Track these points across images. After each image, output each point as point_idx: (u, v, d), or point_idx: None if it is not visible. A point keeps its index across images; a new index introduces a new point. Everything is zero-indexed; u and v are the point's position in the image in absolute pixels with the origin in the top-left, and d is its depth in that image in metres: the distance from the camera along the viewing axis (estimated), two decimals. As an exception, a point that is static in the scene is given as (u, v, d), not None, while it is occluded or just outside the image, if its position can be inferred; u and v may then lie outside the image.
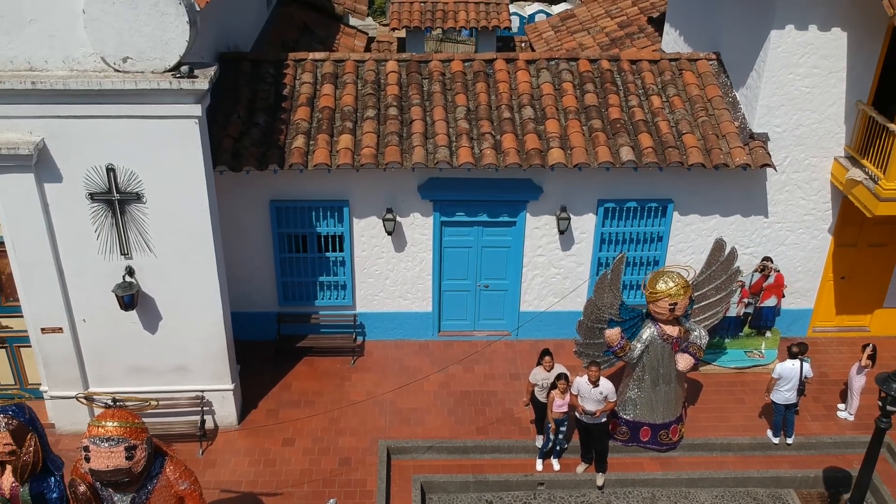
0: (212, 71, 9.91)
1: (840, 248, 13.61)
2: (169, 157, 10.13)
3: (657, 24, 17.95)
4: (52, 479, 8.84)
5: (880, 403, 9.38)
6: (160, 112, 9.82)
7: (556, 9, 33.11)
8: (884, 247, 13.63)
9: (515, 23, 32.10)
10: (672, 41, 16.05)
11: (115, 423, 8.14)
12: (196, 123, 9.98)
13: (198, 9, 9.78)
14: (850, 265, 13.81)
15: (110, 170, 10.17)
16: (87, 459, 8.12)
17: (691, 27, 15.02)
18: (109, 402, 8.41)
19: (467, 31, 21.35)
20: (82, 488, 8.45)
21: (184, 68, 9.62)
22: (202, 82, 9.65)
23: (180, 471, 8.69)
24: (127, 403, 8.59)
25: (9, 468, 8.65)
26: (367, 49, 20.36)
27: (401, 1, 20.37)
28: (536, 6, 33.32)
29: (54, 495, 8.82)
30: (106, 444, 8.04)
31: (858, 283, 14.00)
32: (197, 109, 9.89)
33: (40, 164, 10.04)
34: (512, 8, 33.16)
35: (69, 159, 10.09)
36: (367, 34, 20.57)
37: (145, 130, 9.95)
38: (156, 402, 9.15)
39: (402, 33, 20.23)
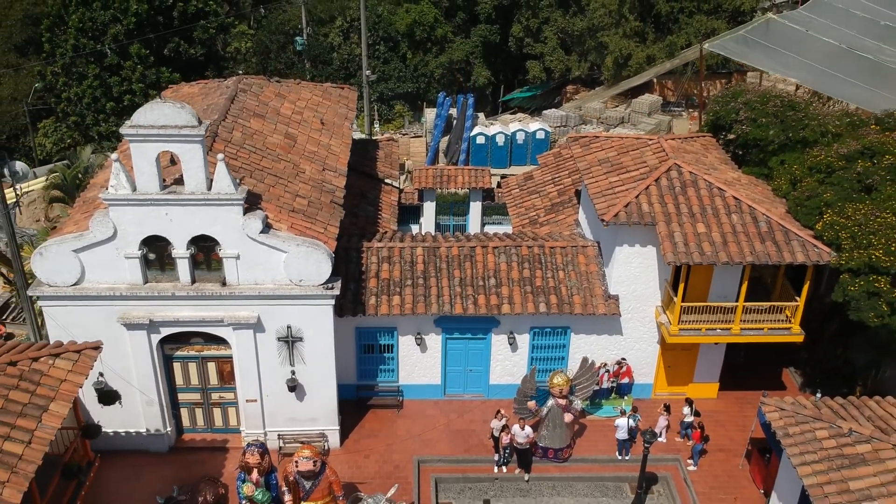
0: (339, 282, 21.07)
1: (665, 351, 24.73)
2: (317, 321, 21.27)
3: (580, 196, 28.92)
4: (273, 475, 20.09)
5: (644, 444, 20.56)
6: (315, 303, 20.99)
7: (533, 125, 43.90)
8: (689, 350, 24.74)
9: (501, 140, 43.01)
10: (583, 216, 27.13)
11: (309, 451, 19.32)
12: (331, 307, 21.14)
13: (332, 255, 20.90)
14: (673, 359, 24.93)
15: (288, 327, 21.34)
16: (297, 466, 19.33)
17: (589, 214, 26.07)
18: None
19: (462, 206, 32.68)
20: (291, 478, 19.68)
21: (328, 286, 20.75)
22: (336, 290, 20.84)
23: (332, 471, 19.90)
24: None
25: (256, 470, 19.85)
26: (399, 198, 31.48)
27: (420, 169, 31.52)
28: (517, 125, 44.04)
29: (274, 482, 20.06)
30: (306, 460, 19.22)
31: (678, 369, 25.13)
32: (332, 301, 21.05)
33: (256, 325, 21.19)
34: (497, 127, 43.83)
35: (269, 322, 21.26)
36: (398, 188, 31.71)
37: (308, 309, 21.09)
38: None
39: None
